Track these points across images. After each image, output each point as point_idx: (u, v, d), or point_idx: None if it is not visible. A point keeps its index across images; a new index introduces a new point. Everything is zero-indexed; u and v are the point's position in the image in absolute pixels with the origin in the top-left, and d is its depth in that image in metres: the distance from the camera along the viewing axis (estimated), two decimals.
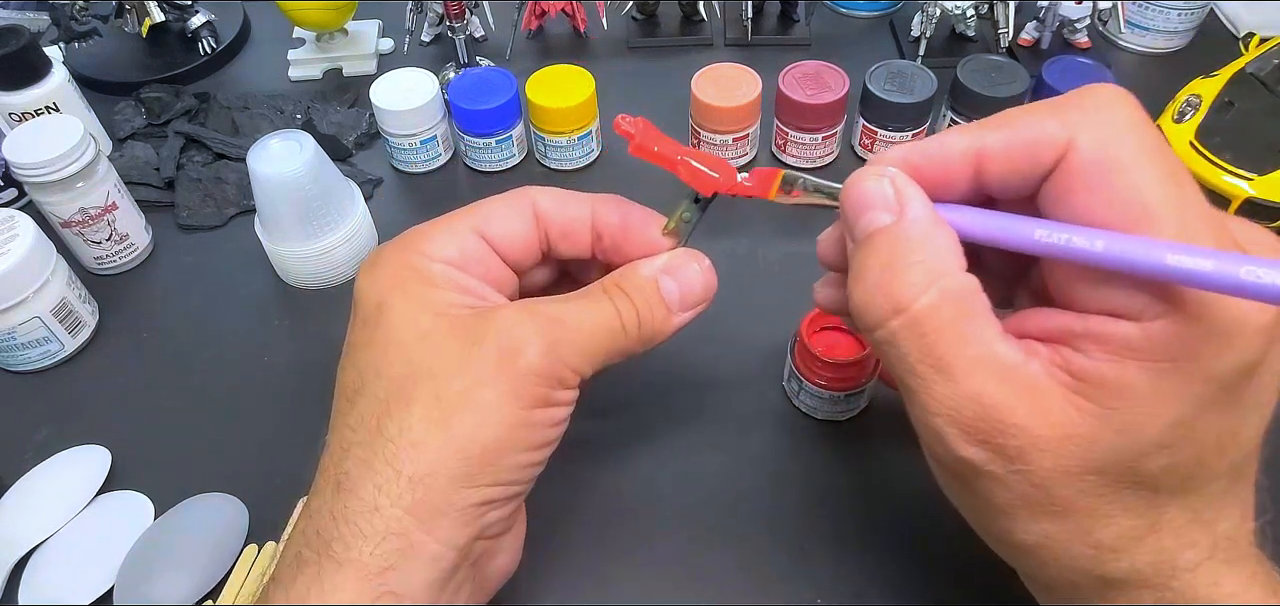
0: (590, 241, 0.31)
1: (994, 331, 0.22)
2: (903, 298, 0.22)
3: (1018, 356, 0.22)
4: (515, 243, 0.30)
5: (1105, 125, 0.22)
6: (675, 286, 0.29)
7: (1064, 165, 0.22)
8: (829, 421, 0.41)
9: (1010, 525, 0.24)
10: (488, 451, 0.25)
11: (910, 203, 0.23)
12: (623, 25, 0.69)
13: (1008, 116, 0.23)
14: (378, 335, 0.27)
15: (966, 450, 0.22)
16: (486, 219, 0.30)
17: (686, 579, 0.36)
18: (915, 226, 0.23)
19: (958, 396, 0.22)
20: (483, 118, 0.54)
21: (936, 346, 0.22)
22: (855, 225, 0.24)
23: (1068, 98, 0.23)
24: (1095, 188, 0.21)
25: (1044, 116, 0.22)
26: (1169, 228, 0.20)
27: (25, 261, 0.43)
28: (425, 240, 0.29)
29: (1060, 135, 0.22)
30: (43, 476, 0.40)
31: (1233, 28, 0.67)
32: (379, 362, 0.27)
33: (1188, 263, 0.19)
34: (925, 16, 0.62)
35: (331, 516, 0.25)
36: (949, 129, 0.24)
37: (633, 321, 0.28)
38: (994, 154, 0.23)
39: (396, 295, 0.27)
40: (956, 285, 0.22)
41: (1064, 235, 0.21)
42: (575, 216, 0.31)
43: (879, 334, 0.23)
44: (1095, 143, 0.21)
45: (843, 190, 0.25)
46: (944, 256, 0.23)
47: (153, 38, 0.67)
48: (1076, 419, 0.21)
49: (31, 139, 0.46)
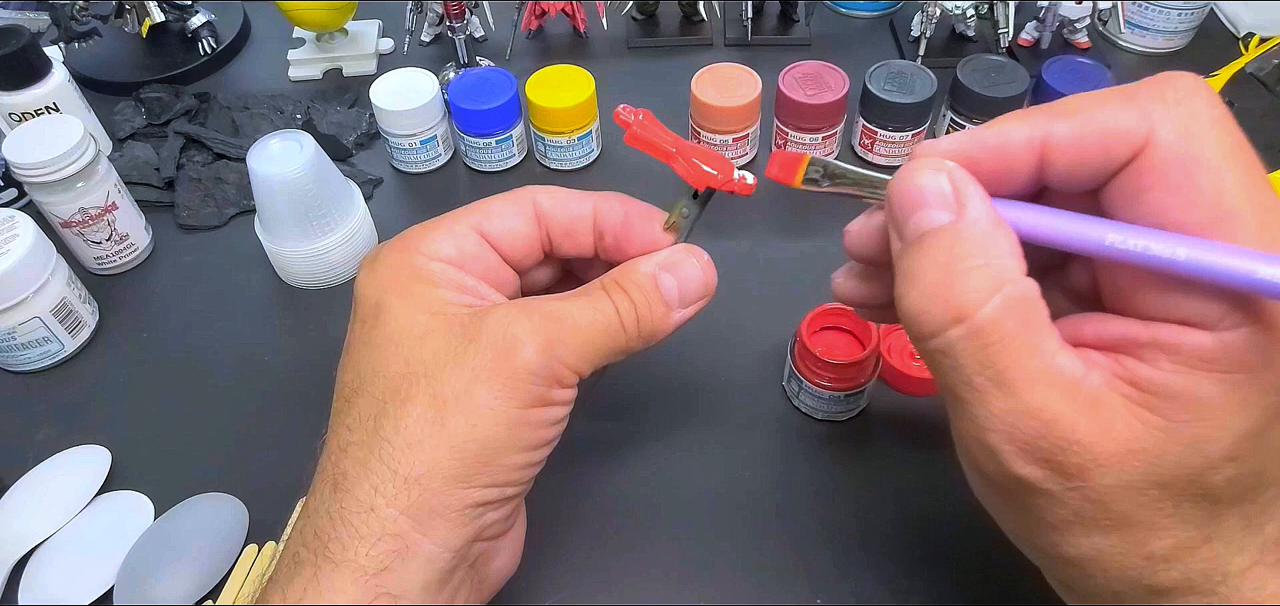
0: (593, 239, 0.31)
1: (1056, 341, 0.21)
2: (964, 305, 0.21)
3: (1079, 368, 0.21)
4: (515, 241, 0.30)
5: (1188, 118, 0.20)
6: (674, 283, 0.29)
7: (1141, 161, 0.20)
8: (829, 421, 0.41)
9: (1059, 540, 0.23)
10: (484, 451, 0.25)
11: (970, 200, 0.22)
12: (623, 25, 0.69)
13: (1076, 104, 0.22)
14: (376, 334, 0.27)
15: (1023, 468, 0.21)
16: (487, 217, 0.30)
17: (686, 578, 0.36)
18: (976, 226, 0.21)
19: (1017, 412, 0.21)
20: (483, 118, 0.54)
21: (999, 358, 0.21)
22: (905, 224, 0.23)
23: (1144, 86, 0.21)
24: (1176, 187, 0.20)
25: (1119, 106, 0.21)
26: (1251, 233, 0.19)
27: (25, 261, 0.43)
28: (424, 239, 0.29)
29: (1139, 128, 0.20)
30: (43, 476, 0.40)
31: (1233, 28, 0.67)
32: (376, 362, 0.27)
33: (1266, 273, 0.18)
34: (925, 16, 0.62)
35: (329, 516, 0.25)
36: (1007, 116, 0.22)
37: (631, 319, 0.28)
38: (1061, 145, 0.21)
39: (395, 294, 0.27)
40: (1020, 292, 0.21)
41: (1141, 241, 0.20)
42: (577, 214, 0.30)
43: (935, 343, 0.22)
44: (1177, 137, 0.20)
45: (891, 183, 0.24)
46: (1007, 260, 0.21)
47: (153, 38, 0.67)
48: (1142, 433, 0.20)
49: (31, 139, 0.46)
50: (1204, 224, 0.20)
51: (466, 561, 0.27)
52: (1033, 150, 0.22)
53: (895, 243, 0.24)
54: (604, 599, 0.36)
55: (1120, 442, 0.20)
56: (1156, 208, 0.20)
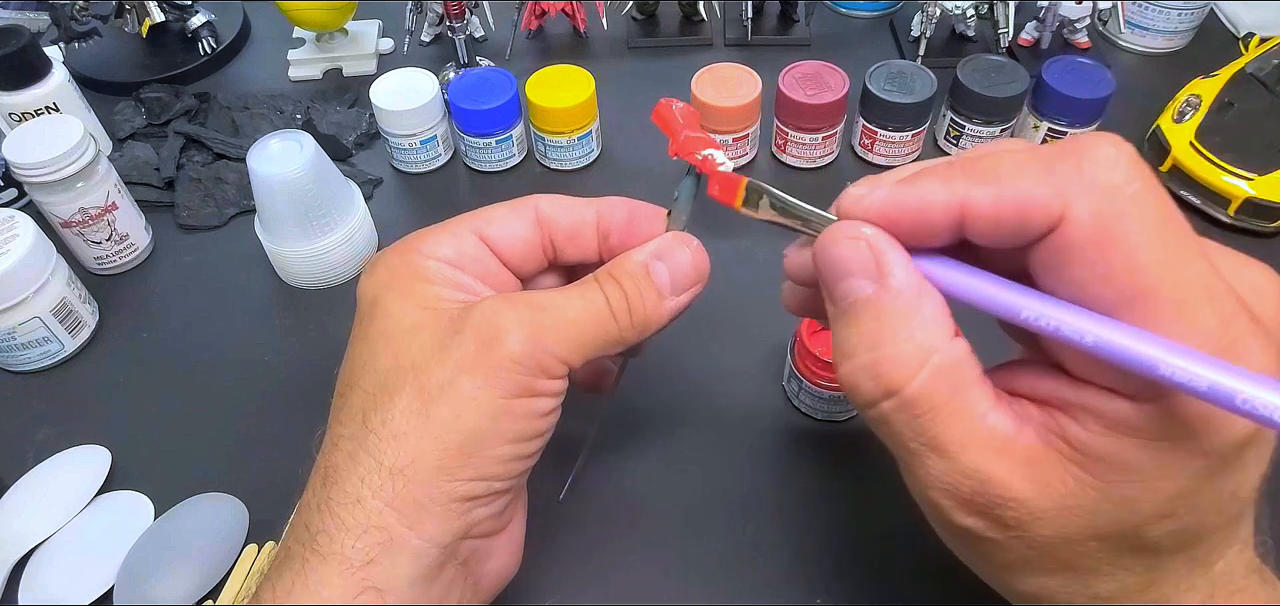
0: (597, 243, 0.31)
1: (987, 401, 0.22)
2: (893, 380, 0.21)
3: (1011, 427, 0.22)
4: (515, 245, 0.30)
5: (1103, 196, 0.20)
6: (666, 270, 0.29)
7: (1058, 235, 0.20)
8: (829, 422, 0.41)
9: (1011, 578, 0.24)
10: (468, 442, 0.25)
11: (893, 269, 0.22)
12: (623, 25, 0.69)
13: (996, 170, 0.21)
14: (370, 330, 0.27)
15: (965, 520, 0.22)
16: (487, 222, 0.30)
17: (686, 578, 0.36)
18: (899, 298, 0.22)
19: (954, 473, 0.22)
20: (483, 118, 0.54)
21: (930, 426, 0.21)
22: (834, 291, 0.23)
23: (1060, 154, 0.20)
24: (1091, 264, 0.20)
25: (1035, 179, 0.20)
26: (1165, 313, 0.19)
27: (25, 261, 0.43)
28: (423, 240, 0.29)
29: (1053, 204, 0.20)
30: (43, 476, 0.40)
31: (1233, 28, 0.67)
32: (368, 357, 0.27)
33: (1182, 373, 0.18)
34: (925, 16, 0.62)
35: (318, 509, 0.25)
36: (931, 170, 0.22)
37: (622, 308, 0.28)
38: (979, 213, 0.21)
39: (390, 291, 0.28)
40: (948, 360, 0.21)
41: (1053, 319, 0.20)
42: (580, 218, 0.31)
43: (871, 414, 0.23)
44: (1091, 215, 0.20)
45: (815, 249, 0.24)
46: (933, 329, 0.22)
47: (153, 38, 0.67)
48: (1075, 490, 0.21)
49: (31, 139, 0.46)
50: (1119, 302, 0.19)
51: (456, 559, 0.27)
52: (951, 213, 0.21)
53: (829, 305, 0.24)
54: (604, 598, 0.36)
55: (1055, 498, 0.21)
56: (1075, 281, 0.20)
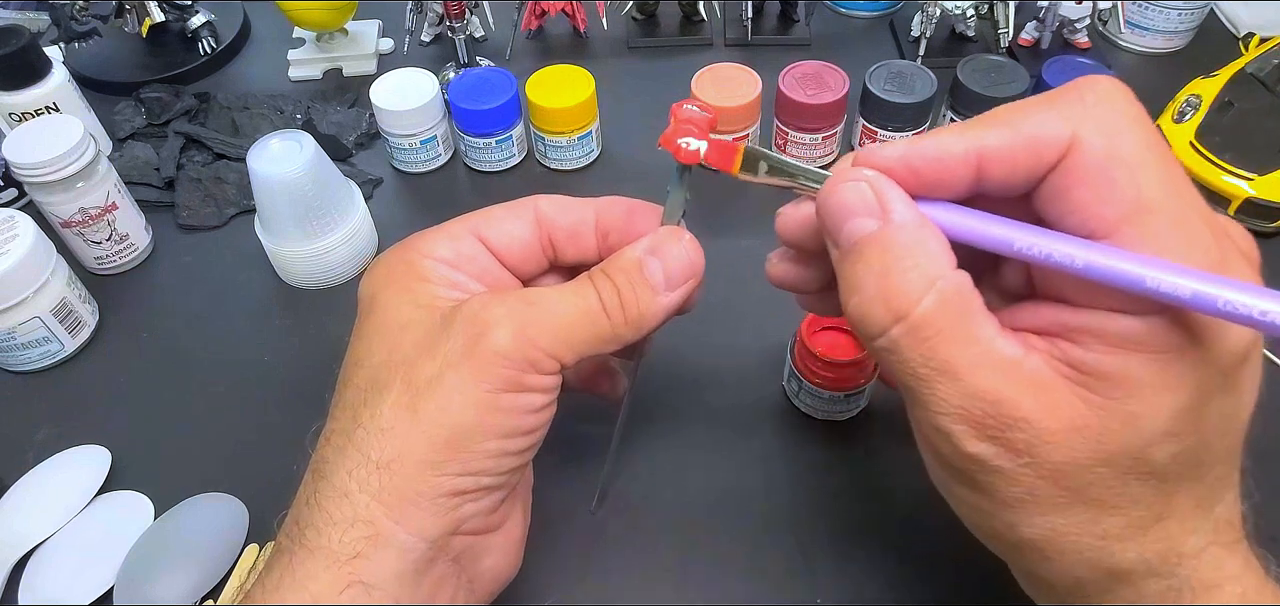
0: (596, 242, 0.31)
1: (992, 327, 0.22)
2: (901, 305, 0.22)
3: (1018, 351, 0.22)
4: (514, 245, 0.30)
5: (1108, 118, 0.21)
6: (659, 265, 0.28)
7: (1067, 163, 0.21)
8: (829, 421, 0.41)
9: (1015, 519, 0.23)
10: (455, 436, 0.25)
11: (894, 205, 0.23)
12: (623, 25, 0.69)
13: (1007, 114, 0.23)
14: (367, 327, 0.28)
15: (975, 446, 0.22)
16: (486, 223, 0.30)
17: (686, 578, 0.36)
18: (903, 230, 0.23)
19: (964, 394, 0.22)
20: (483, 118, 0.54)
21: (939, 349, 0.22)
22: (838, 233, 0.24)
23: (1065, 91, 0.22)
24: (1097, 184, 0.21)
25: (1045, 113, 0.22)
26: (1165, 225, 0.20)
27: (25, 261, 0.43)
28: (422, 240, 0.29)
29: (1063, 131, 0.21)
30: (43, 476, 0.40)
31: (1233, 28, 0.67)
32: (361, 353, 0.27)
33: (1167, 285, 0.19)
34: (925, 16, 0.62)
35: (307, 503, 0.25)
36: (945, 128, 0.24)
37: (614, 304, 0.27)
38: (995, 154, 0.22)
39: (387, 289, 0.28)
40: (952, 285, 0.22)
41: (1044, 247, 0.21)
42: (579, 218, 0.31)
43: (880, 342, 0.23)
44: (1100, 136, 0.21)
45: (819, 197, 0.25)
46: (936, 257, 0.22)
47: (153, 38, 0.67)
48: (1083, 411, 0.21)
49: (31, 139, 0.46)
50: (1123, 217, 0.21)
51: (447, 555, 0.26)
52: (970, 162, 0.23)
53: (833, 251, 0.25)
54: (604, 598, 0.36)
55: (1064, 419, 0.21)
56: (1080, 204, 0.21)
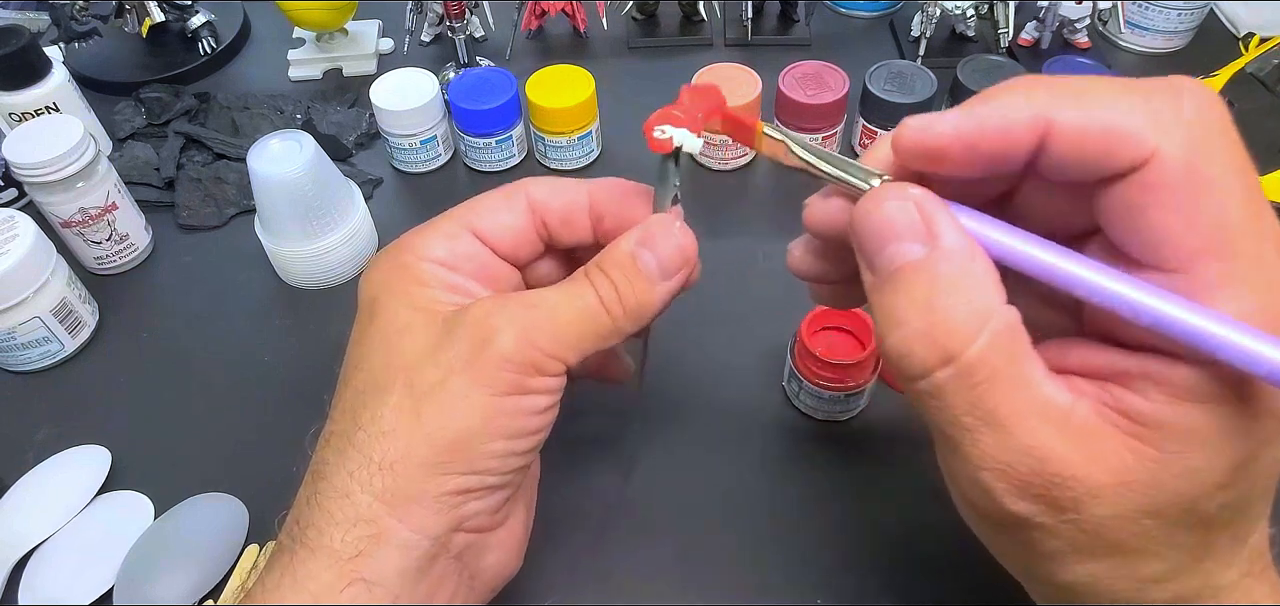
0: (592, 225, 0.30)
1: (1041, 372, 0.21)
2: (951, 345, 0.20)
3: (1068, 399, 0.20)
4: (508, 235, 0.30)
5: (1200, 134, 0.19)
6: (653, 257, 0.28)
7: (1146, 173, 0.19)
8: (829, 421, 0.41)
9: (1053, 569, 0.22)
10: (459, 439, 0.25)
11: (943, 230, 0.21)
12: (623, 25, 0.69)
13: (1084, 89, 0.20)
14: (366, 331, 0.28)
15: (1016, 505, 0.21)
16: (478, 215, 0.30)
17: (687, 578, 0.36)
18: (952, 258, 0.20)
19: (1010, 450, 0.20)
20: (483, 118, 0.54)
21: (988, 396, 0.20)
22: (877, 256, 0.22)
23: (1158, 89, 0.20)
24: (1179, 207, 0.19)
25: (1130, 105, 0.19)
26: (1245, 268, 0.19)
27: (25, 261, 0.43)
28: (418, 240, 0.29)
29: (1145, 135, 0.19)
30: (43, 476, 0.40)
31: (1233, 28, 0.67)
32: (360, 357, 0.27)
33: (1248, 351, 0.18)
34: (925, 16, 0.62)
35: (307, 504, 0.26)
36: (1003, 86, 0.21)
37: (613, 300, 0.27)
38: (1064, 134, 0.20)
39: (386, 293, 0.28)
40: (1005, 324, 0.20)
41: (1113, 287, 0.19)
42: (572, 201, 0.30)
43: (922, 385, 0.21)
44: (1188, 153, 0.19)
45: (856, 214, 0.23)
46: (988, 291, 0.20)
47: (153, 38, 0.67)
48: (1134, 465, 0.20)
49: (31, 139, 0.46)
50: (1202, 250, 0.19)
51: (449, 552, 0.26)
52: (1035, 132, 0.20)
53: (866, 274, 0.23)
54: (604, 598, 0.36)
55: (1113, 474, 0.20)
56: (1157, 225, 0.19)
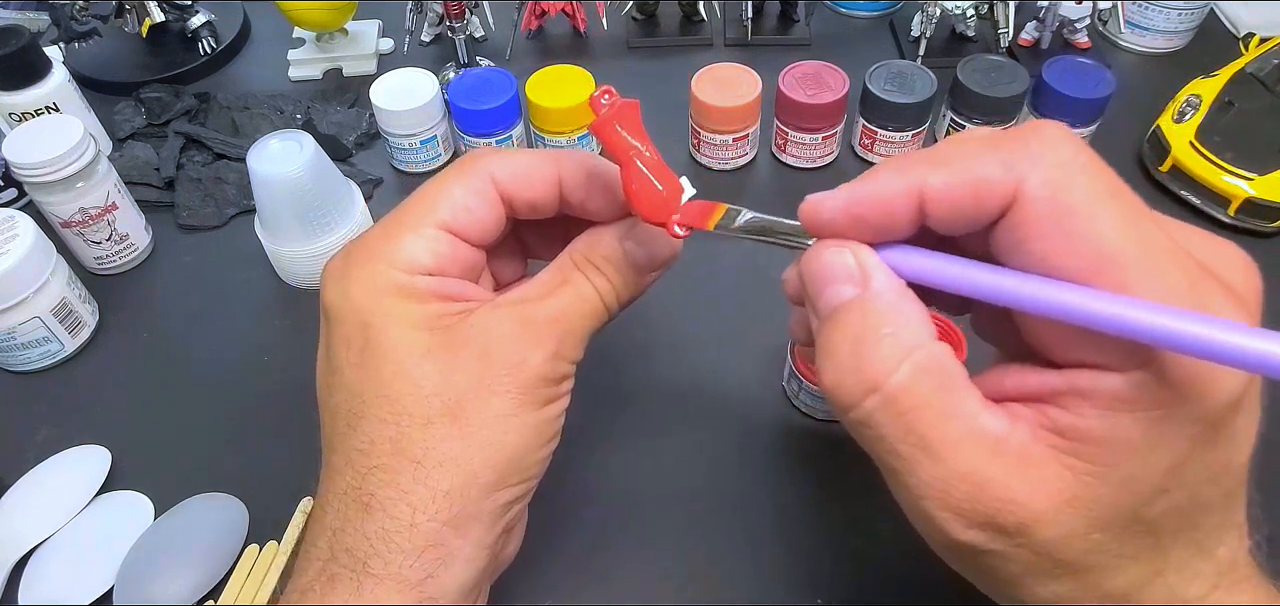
0: (556, 203, 0.30)
1: (975, 401, 0.21)
2: (875, 375, 0.21)
3: (1003, 425, 0.21)
4: (476, 225, 0.29)
5: (1053, 167, 0.20)
6: (644, 253, 0.29)
7: (1015, 213, 0.21)
8: (829, 421, 0.41)
9: (1018, 591, 0.23)
10: (513, 457, 0.27)
11: (874, 273, 0.23)
12: (623, 25, 0.69)
13: (948, 154, 0.22)
14: (371, 359, 0.26)
15: (964, 534, 0.21)
16: (450, 211, 0.28)
17: (687, 578, 0.36)
18: (881, 298, 0.22)
19: (947, 477, 0.21)
20: (483, 118, 0.54)
21: (917, 424, 0.21)
22: (818, 300, 0.24)
23: (1010, 136, 0.21)
24: (1050, 235, 0.20)
25: (986, 158, 0.21)
26: (1136, 274, 0.19)
27: (25, 261, 0.43)
28: (391, 247, 0.27)
29: (1006, 181, 0.21)
30: (43, 476, 0.40)
31: (1233, 28, 0.67)
32: (379, 386, 0.26)
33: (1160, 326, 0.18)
34: (925, 16, 0.62)
35: (365, 536, 0.25)
36: (883, 166, 0.23)
37: (609, 293, 0.29)
38: (936, 195, 0.22)
39: (382, 316, 0.27)
40: (930, 356, 0.21)
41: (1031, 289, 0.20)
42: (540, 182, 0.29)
43: (854, 415, 0.22)
44: (1044, 185, 0.20)
45: (801, 262, 0.24)
46: (914, 327, 0.22)
47: (153, 38, 0.67)
48: (1072, 482, 0.20)
49: (31, 139, 0.46)
50: (1086, 270, 0.20)
51: (496, 553, 0.28)
52: (912, 200, 0.22)
53: (813, 320, 0.24)
54: (604, 597, 0.36)
55: (1054, 495, 0.20)
56: (1038, 256, 0.20)
